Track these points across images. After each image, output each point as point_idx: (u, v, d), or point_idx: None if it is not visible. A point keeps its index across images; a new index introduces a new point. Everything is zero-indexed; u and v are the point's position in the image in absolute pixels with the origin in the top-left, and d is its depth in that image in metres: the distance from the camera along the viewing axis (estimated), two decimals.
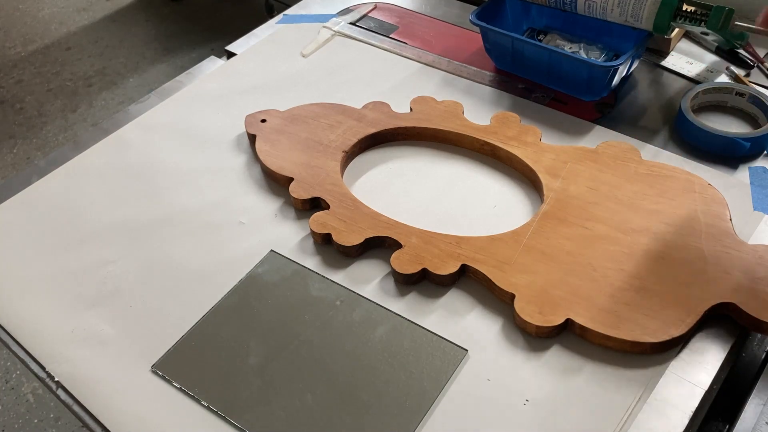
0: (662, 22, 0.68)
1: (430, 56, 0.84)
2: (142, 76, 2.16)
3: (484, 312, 0.56)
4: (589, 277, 0.55)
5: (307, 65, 0.84)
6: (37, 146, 1.93)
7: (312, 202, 0.64)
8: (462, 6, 0.94)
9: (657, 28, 0.69)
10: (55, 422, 1.29)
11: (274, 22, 0.94)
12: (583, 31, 0.82)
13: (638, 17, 0.70)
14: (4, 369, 1.38)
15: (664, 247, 0.57)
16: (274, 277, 0.59)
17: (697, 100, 0.72)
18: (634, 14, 0.70)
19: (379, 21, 0.92)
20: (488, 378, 0.51)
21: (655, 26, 0.69)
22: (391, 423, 0.49)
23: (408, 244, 0.59)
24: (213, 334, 0.55)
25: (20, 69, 2.22)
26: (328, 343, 0.54)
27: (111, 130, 0.77)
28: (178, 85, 0.83)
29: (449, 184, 0.67)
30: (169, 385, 0.52)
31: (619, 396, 0.49)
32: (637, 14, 0.69)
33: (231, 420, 0.50)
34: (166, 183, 0.70)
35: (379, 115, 0.73)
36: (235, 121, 0.75)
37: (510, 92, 0.78)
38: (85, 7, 2.50)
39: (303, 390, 0.51)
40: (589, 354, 0.52)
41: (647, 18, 0.69)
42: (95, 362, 0.54)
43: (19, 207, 0.68)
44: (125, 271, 0.61)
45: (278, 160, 0.68)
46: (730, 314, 0.53)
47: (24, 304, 0.59)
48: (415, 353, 0.53)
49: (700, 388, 0.50)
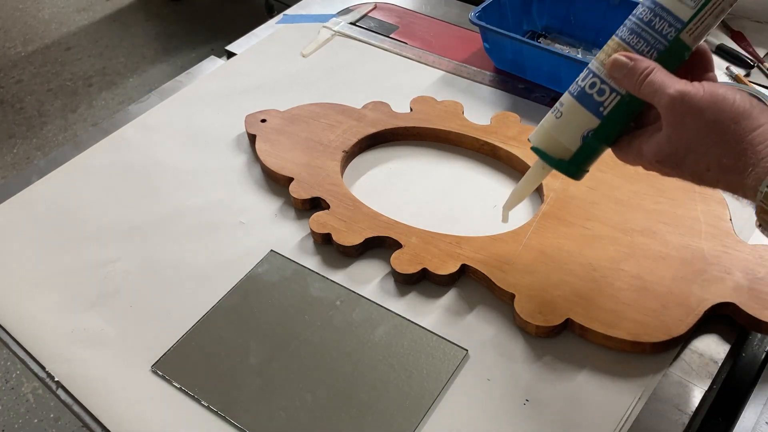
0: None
1: (430, 56, 0.84)
2: (142, 76, 2.16)
3: (484, 312, 0.56)
4: (589, 276, 0.55)
5: (307, 65, 0.84)
6: (37, 146, 1.93)
7: (312, 202, 0.64)
8: (462, 6, 0.94)
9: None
10: (55, 422, 1.29)
11: (274, 22, 0.94)
12: (583, 33, 0.83)
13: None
14: (4, 369, 1.38)
15: (664, 247, 0.57)
16: (274, 277, 0.59)
17: None
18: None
19: (379, 21, 0.92)
20: (488, 378, 0.51)
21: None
22: (391, 423, 0.49)
23: (408, 244, 0.59)
24: (213, 334, 0.55)
25: (20, 69, 2.23)
26: (328, 343, 0.54)
27: (111, 130, 0.77)
28: (178, 85, 0.83)
29: (449, 184, 0.67)
30: (169, 385, 0.52)
31: (619, 396, 0.49)
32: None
33: (231, 420, 0.50)
34: (166, 183, 0.70)
35: (379, 115, 0.73)
36: (235, 121, 0.75)
37: (510, 92, 0.78)
38: (85, 7, 2.50)
39: (303, 390, 0.51)
40: (589, 354, 0.52)
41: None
42: (95, 362, 0.54)
43: (19, 207, 0.68)
44: (125, 271, 0.61)
45: (278, 160, 0.68)
46: (730, 314, 0.53)
47: (24, 304, 0.59)
48: (415, 353, 0.53)
49: (700, 388, 0.50)
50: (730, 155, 0.41)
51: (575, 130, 0.49)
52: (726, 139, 0.41)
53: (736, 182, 0.42)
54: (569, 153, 0.49)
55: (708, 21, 0.44)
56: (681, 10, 0.44)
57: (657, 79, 0.44)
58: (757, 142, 0.40)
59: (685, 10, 0.44)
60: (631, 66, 0.45)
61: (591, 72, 0.48)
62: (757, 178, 0.40)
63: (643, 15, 0.46)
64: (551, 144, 0.50)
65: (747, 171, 0.41)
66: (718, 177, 0.43)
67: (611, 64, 0.46)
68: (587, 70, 0.49)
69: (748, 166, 0.40)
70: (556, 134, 0.49)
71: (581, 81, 0.49)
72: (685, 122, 0.42)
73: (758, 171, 0.40)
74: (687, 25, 0.44)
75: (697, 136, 0.42)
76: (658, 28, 0.45)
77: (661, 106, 0.44)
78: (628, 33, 0.46)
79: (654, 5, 0.45)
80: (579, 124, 0.48)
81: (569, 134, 0.49)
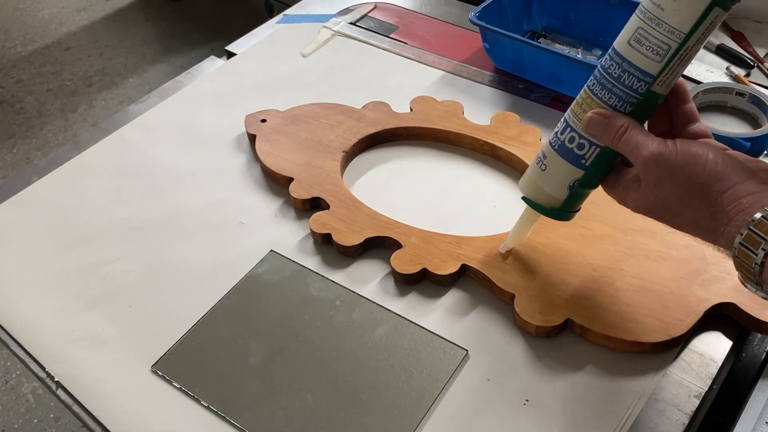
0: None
1: (430, 56, 0.84)
2: (142, 76, 2.16)
3: (484, 312, 0.56)
4: (589, 276, 0.55)
5: (307, 65, 0.84)
6: (37, 146, 1.93)
7: (312, 202, 0.64)
8: (462, 6, 0.94)
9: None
10: (55, 422, 1.29)
11: (274, 22, 0.94)
12: (583, 33, 0.83)
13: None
14: (4, 369, 1.38)
15: (664, 247, 0.57)
16: (274, 277, 0.59)
17: (697, 100, 0.72)
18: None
19: (379, 21, 0.92)
20: (488, 378, 0.51)
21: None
22: (391, 423, 0.49)
23: (408, 244, 0.59)
24: (213, 334, 0.55)
25: (20, 69, 2.23)
26: (328, 343, 0.54)
27: (111, 130, 0.77)
28: (178, 85, 0.83)
29: (449, 184, 0.67)
30: (169, 385, 0.52)
31: (619, 396, 0.49)
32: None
33: (231, 420, 0.50)
34: (166, 183, 0.70)
35: (379, 115, 0.73)
36: (235, 121, 0.75)
37: (510, 92, 0.78)
38: (85, 7, 2.50)
39: (303, 390, 0.51)
40: (589, 354, 0.52)
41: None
42: (95, 362, 0.54)
43: (19, 207, 0.68)
44: (125, 271, 0.61)
45: (278, 160, 0.68)
46: (730, 314, 0.53)
47: (24, 304, 0.59)
48: (415, 353, 0.53)
49: (700, 388, 0.50)
50: (703, 216, 0.42)
51: (561, 182, 0.50)
52: (698, 203, 0.42)
53: (712, 240, 0.43)
54: (558, 202, 0.51)
55: (678, 69, 0.44)
56: (649, 65, 0.44)
57: (632, 139, 0.44)
58: (726, 203, 0.41)
59: (654, 64, 0.43)
60: (606, 123, 0.45)
61: (568, 125, 0.48)
62: (730, 238, 0.41)
63: (612, 70, 0.45)
64: (540, 194, 0.51)
65: (719, 231, 0.42)
66: (695, 234, 0.44)
67: (586, 122, 0.46)
68: (564, 123, 0.49)
69: (720, 226, 0.41)
70: (543, 186, 0.51)
71: (560, 134, 0.49)
72: (661, 183, 0.43)
73: (730, 230, 0.41)
74: (657, 78, 0.44)
75: (672, 196, 0.43)
76: (628, 83, 0.45)
77: (637, 166, 0.45)
78: (599, 88, 0.46)
79: (621, 60, 0.45)
80: (564, 175, 0.49)
81: (556, 186, 0.50)
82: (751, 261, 0.40)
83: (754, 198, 0.40)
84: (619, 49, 0.45)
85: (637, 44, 0.44)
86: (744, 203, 0.40)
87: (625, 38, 0.45)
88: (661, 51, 0.43)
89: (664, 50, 0.43)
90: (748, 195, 0.41)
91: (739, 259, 0.41)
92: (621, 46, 0.45)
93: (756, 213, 0.39)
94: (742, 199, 0.41)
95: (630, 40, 0.44)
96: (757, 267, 0.40)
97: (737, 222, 0.40)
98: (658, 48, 0.43)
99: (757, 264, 0.39)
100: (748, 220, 0.40)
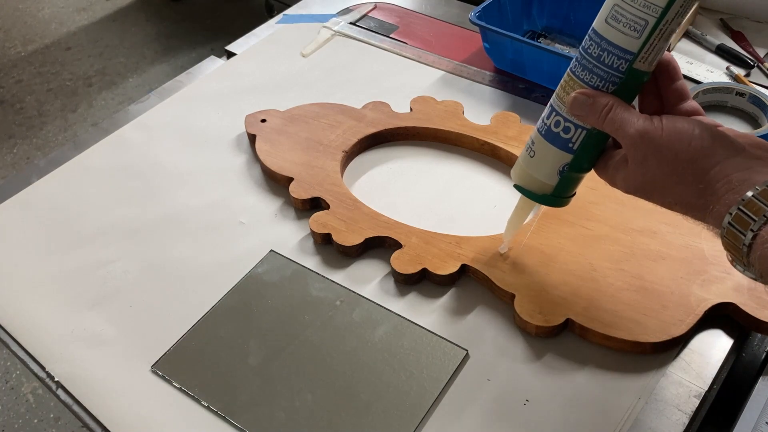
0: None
1: (430, 56, 0.84)
2: (142, 76, 2.16)
3: (484, 312, 0.56)
4: (589, 276, 0.55)
5: (307, 65, 0.84)
6: (37, 146, 1.93)
7: (312, 202, 0.64)
8: (462, 6, 0.94)
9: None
10: (55, 422, 1.29)
11: (274, 22, 0.94)
12: (583, 33, 0.82)
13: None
14: (4, 369, 1.38)
15: (664, 247, 0.57)
16: (274, 277, 0.59)
17: (697, 100, 0.72)
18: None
19: (379, 21, 0.92)
20: (488, 378, 0.51)
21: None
22: (391, 423, 0.49)
23: (408, 244, 0.59)
24: (213, 334, 0.55)
25: (20, 69, 2.23)
26: (328, 343, 0.54)
27: (111, 130, 0.77)
28: (178, 85, 0.83)
29: (449, 184, 0.67)
30: (169, 385, 0.52)
31: (619, 396, 0.49)
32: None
33: (231, 420, 0.50)
34: (166, 183, 0.70)
35: (379, 115, 0.73)
36: (235, 121, 0.75)
37: (510, 92, 0.78)
38: (85, 7, 2.50)
39: (303, 390, 0.51)
40: (589, 354, 0.52)
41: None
42: (95, 362, 0.54)
43: (19, 207, 0.68)
44: (125, 271, 0.61)
45: (278, 160, 0.68)
46: (730, 314, 0.53)
47: (24, 304, 0.59)
48: (415, 353, 0.53)
49: (700, 388, 0.50)
50: (691, 194, 0.41)
51: (551, 167, 0.49)
52: (685, 179, 0.41)
53: (701, 218, 0.42)
54: (550, 188, 0.50)
55: (659, 45, 0.43)
56: (628, 42, 0.43)
57: (617, 117, 0.43)
58: (714, 181, 0.40)
59: (632, 41, 0.43)
60: (590, 103, 0.45)
61: (554, 110, 0.48)
62: (719, 217, 0.40)
63: (592, 50, 0.44)
64: (531, 181, 0.51)
65: (708, 209, 0.41)
66: (685, 212, 0.43)
67: (570, 103, 0.46)
68: (549, 108, 0.48)
69: (709, 204, 0.40)
70: (533, 172, 0.50)
71: (546, 119, 0.48)
72: (648, 160, 0.42)
73: (719, 209, 0.40)
74: (638, 55, 0.43)
75: (660, 174, 0.42)
76: (608, 62, 0.44)
77: (624, 145, 0.44)
78: (581, 69, 0.45)
79: (600, 40, 0.44)
80: (553, 161, 0.49)
81: (546, 171, 0.49)
82: (740, 241, 0.38)
83: (743, 175, 0.39)
84: (597, 28, 0.44)
85: (614, 21, 0.43)
86: (734, 181, 0.39)
87: (602, 16, 0.44)
88: (638, 27, 0.42)
89: (641, 26, 0.42)
90: (736, 172, 0.39)
91: (727, 239, 0.39)
92: (599, 25, 0.44)
93: (747, 191, 0.38)
94: (731, 176, 0.39)
95: (607, 17, 0.43)
96: (745, 248, 0.38)
97: (727, 201, 0.39)
98: (635, 24, 0.42)
99: (746, 245, 0.38)
100: (738, 199, 0.38)
